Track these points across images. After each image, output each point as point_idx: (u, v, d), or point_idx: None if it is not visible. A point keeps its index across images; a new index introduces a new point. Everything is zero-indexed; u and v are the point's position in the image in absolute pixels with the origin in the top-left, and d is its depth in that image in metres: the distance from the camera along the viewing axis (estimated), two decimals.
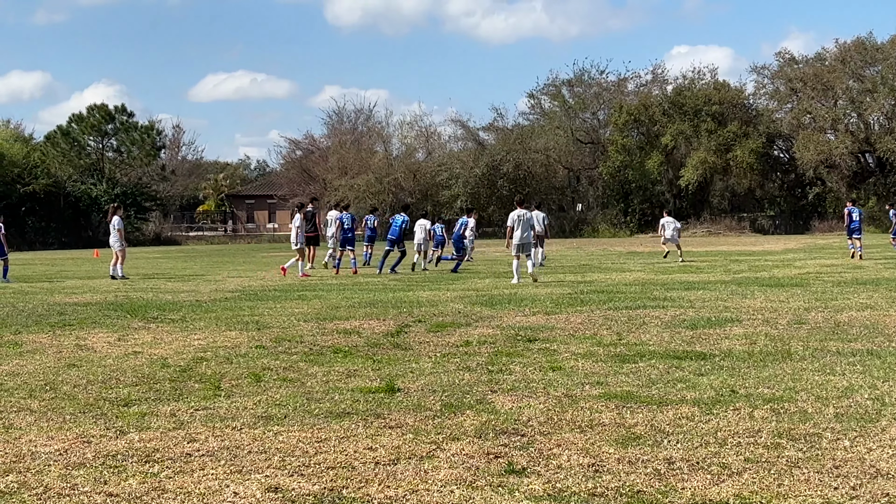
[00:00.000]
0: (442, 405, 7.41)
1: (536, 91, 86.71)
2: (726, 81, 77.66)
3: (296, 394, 7.99)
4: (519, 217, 20.60)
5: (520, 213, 20.70)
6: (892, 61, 68.66)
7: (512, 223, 20.55)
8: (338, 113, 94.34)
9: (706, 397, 7.46)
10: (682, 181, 71.85)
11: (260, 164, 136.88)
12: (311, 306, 15.65)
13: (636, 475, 5.46)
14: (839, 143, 67.83)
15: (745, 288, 17.41)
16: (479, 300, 16.11)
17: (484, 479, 5.45)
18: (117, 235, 24.62)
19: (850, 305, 13.87)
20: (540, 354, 9.91)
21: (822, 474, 5.38)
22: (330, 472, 5.65)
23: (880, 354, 9.33)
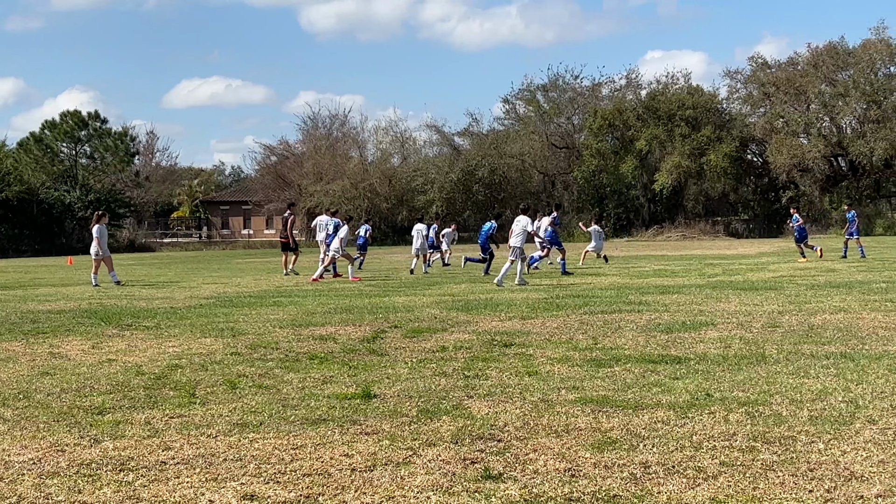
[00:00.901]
0: (418, 411, 7.40)
1: (511, 96, 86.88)
2: (700, 86, 78.15)
3: (271, 401, 7.97)
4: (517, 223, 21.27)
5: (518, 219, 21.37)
6: (863, 65, 69.21)
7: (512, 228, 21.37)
8: (313, 118, 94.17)
9: (681, 401, 7.49)
10: (657, 185, 72.12)
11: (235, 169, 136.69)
12: (286, 312, 15.61)
13: (612, 479, 5.47)
14: (812, 147, 68.29)
15: (719, 291, 17.48)
16: (455, 305, 16.11)
17: (460, 484, 5.45)
18: (94, 244, 24.51)
19: (824, 308, 13.95)
20: (516, 359, 9.92)
21: (797, 477, 5.41)
22: (306, 480, 5.63)
23: (854, 357, 9.39)
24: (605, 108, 77.54)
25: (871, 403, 7.20)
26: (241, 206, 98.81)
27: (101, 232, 24.69)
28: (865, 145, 66.31)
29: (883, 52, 69.88)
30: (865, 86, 68.34)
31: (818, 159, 68.43)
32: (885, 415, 6.81)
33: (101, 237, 24.59)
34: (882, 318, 12.48)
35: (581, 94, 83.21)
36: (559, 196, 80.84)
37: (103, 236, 24.71)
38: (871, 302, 14.64)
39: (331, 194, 78.72)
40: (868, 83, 68.61)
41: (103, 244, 24.59)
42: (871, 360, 9.16)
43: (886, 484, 5.22)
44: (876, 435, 6.26)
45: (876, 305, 14.11)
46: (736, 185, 75.94)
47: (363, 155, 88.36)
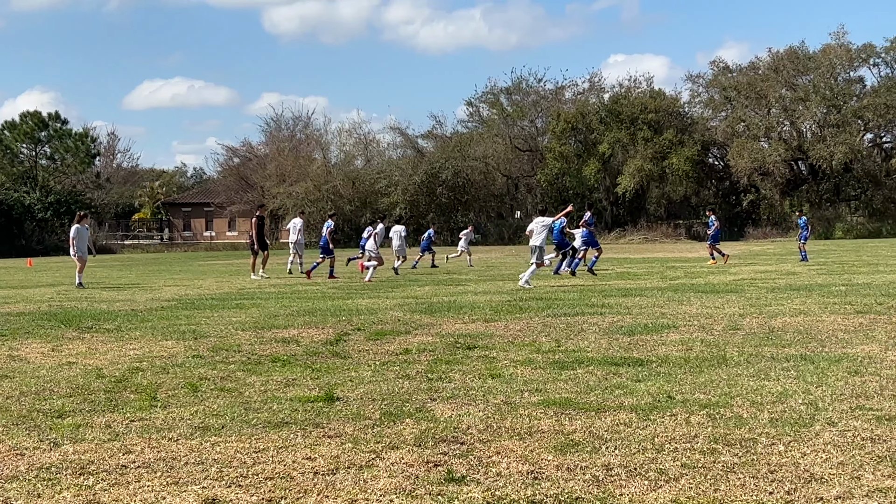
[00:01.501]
0: (381, 414, 7.38)
1: (475, 99, 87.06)
2: (662, 90, 78.66)
3: (233, 404, 7.92)
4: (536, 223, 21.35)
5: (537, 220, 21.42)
6: (823, 70, 69.93)
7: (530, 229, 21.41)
8: (276, 120, 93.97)
9: (643, 403, 7.52)
10: (620, 188, 72.48)
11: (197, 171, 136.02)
12: (248, 315, 15.54)
13: (575, 482, 5.48)
14: (772, 151, 68.90)
15: (681, 294, 17.59)
16: (419, 308, 16.10)
17: (424, 487, 5.44)
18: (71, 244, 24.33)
19: (784, 311, 14.06)
20: (479, 362, 9.92)
21: (758, 479, 5.45)
22: (268, 483, 5.61)
23: (814, 360, 9.47)
24: (568, 112, 77.84)
25: (830, 405, 7.26)
26: (203, 208, 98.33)
27: (78, 232, 24.43)
28: (825, 149, 66.98)
29: (843, 56, 70.69)
30: (825, 90, 69.06)
31: (779, 163, 69.05)
32: (845, 417, 6.87)
33: (77, 238, 24.34)
34: (841, 321, 12.60)
35: (544, 98, 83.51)
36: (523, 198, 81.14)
37: (80, 237, 24.44)
38: (830, 305, 14.78)
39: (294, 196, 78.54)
40: (828, 88, 69.34)
41: (79, 244, 24.34)
42: (831, 363, 9.24)
43: (845, 485, 5.27)
44: (835, 437, 6.32)
45: (835, 308, 14.25)
46: (697, 189, 76.49)
47: (326, 157, 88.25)
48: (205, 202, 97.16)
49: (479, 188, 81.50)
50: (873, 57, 72.08)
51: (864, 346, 10.29)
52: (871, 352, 9.90)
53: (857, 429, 6.51)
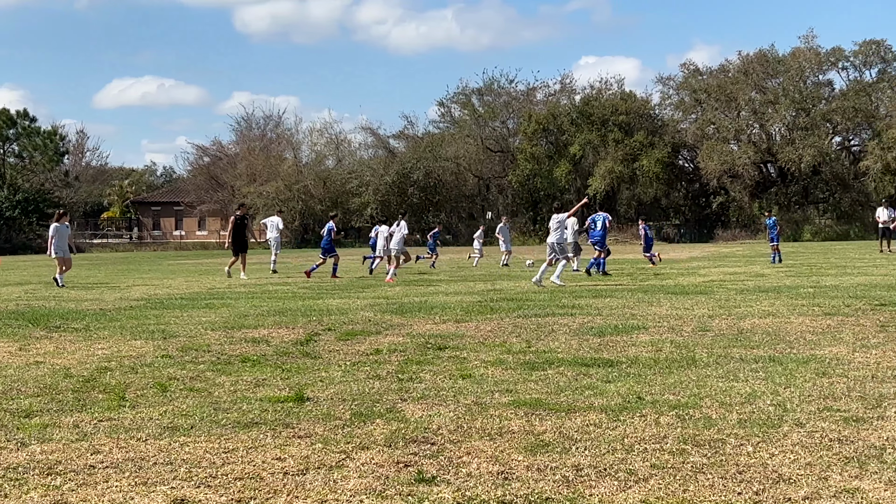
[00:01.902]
0: (352, 414, 7.37)
1: (446, 99, 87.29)
2: (633, 92, 79.07)
3: (202, 404, 7.88)
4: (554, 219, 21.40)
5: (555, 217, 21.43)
6: (793, 73, 70.49)
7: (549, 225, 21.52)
8: (247, 119, 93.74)
9: (613, 404, 7.54)
10: (590, 190, 72.71)
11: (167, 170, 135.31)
12: (218, 315, 15.47)
13: (545, 482, 5.49)
14: (742, 154, 69.37)
15: (651, 295, 17.66)
16: (390, 308, 16.08)
17: (394, 488, 5.44)
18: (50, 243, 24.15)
19: (753, 313, 14.14)
20: (450, 362, 9.93)
21: (726, 480, 5.47)
22: (237, 483, 5.58)
23: (782, 361, 9.53)
24: (539, 113, 78.06)
25: (798, 407, 7.31)
26: (172, 207, 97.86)
27: (57, 231, 24.23)
28: (794, 152, 67.49)
29: (812, 60, 71.26)
30: (795, 93, 69.62)
31: (748, 165, 69.51)
32: (813, 418, 6.92)
33: (57, 236, 24.13)
34: (809, 323, 12.69)
35: (516, 99, 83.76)
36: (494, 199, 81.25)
37: (59, 236, 24.23)
38: (798, 306, 14.88)
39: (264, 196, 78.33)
40: (797, 91, 69.90)
41: (58, 243, 24.13)
42: (799, 364, 9.30)
43: (813, 486, 5.31)
44: (803, 438, 6.36)
45: (804, 310, 14.35)
46: (668, 191, 76.89)
47: (297, 156, 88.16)
48: (174, 201, 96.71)
49: (450, 189, 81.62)
50: (842, 60, 72.75)
51: (831, 348, 10.36)
52: (838, 353, 9.98)
53: (824, 430, 6.56)
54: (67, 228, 24.97)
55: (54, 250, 24.08)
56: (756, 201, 72.47)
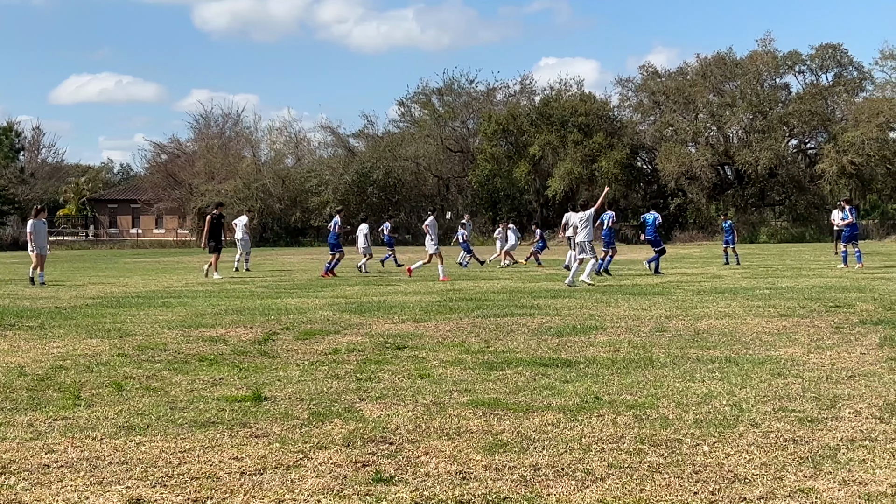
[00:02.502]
0: (309, 414, 7.35)
1: (407, 99, 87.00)
2: (592, 93, 79.18)
3: (159, 403, 7.83)
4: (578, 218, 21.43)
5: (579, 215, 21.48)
6: (750, 76, 71.04)
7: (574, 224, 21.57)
8: (205, 117, 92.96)
9: (571, 404, 7.57)
10: (550, 191, 72.86)
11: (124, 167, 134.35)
12: (175, 313, 15.37)
13: (503, 482, 5.50)
14: (700, 156, 69.79)
15: (609, 296, 17.74)
16: (349, 307, 16.05)
17: (351, 487, 5.42)
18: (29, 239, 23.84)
19: (710, 314, 14.25)
20: (409, 362, 9.92)
21: (683, 479, 5.51)
22: (194, 483, 5.55)
23: (738, 362, 9.61)
24: (499, 113, 78.10)
25: (754, 407, 7.37)
26: (129, 205, 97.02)
27: (35, 227, 23.91)
28: (751, 154, 68.01)
29: (769, 63, 71.85)
30: (752, 96, 70.16)
31: (705, 167, 69.95)
32: (768, 418, 6.98)
33: (35, 233, 23.83)
34: (765, 324, 12.80)
35: (476, 99, 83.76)
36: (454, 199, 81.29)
37: (38, 232, 23.92)
38: (754, 308, 15.01)
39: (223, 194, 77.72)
40: (754, 94, 70.44)
41: (37, 240, 23.83)
42: (755, 365, 9.38)
43: (768, 486, 5.35)
44: (759, 438, 6.42)
45: (759, 311, 14.47)
46: (626, 192, 77.16)
47: (256, 155, 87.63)
48: (131, 199, 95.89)
49: (409, 188, 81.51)
50: (799, 64, 73.37)
51: (787, 349, 10.46)
52: (793, 354, 10.08)
53: (779, 430, 6.62)
54: (45, 225, 24.68)
55: (34, 247, 23.77)
56: (713, 203, 72.97)
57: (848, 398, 7.67)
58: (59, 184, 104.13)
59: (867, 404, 7.42)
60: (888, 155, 66.29)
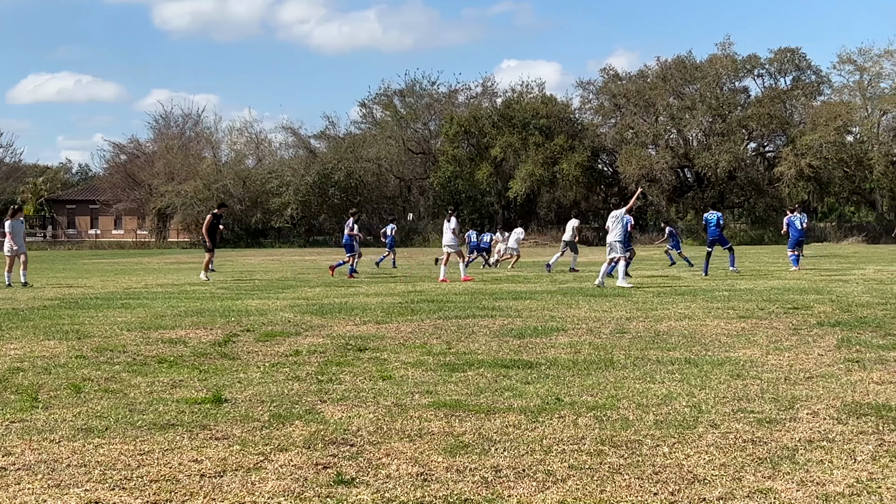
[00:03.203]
0: (270, 415, 7.31)
1: (368, 100, 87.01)
2: (554, 96, 79.56)
3: (118, 405, 7.76)
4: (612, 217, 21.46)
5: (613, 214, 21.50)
6: (709, 80, 71.62)
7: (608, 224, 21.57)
8: (165, 117, 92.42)
9: (532, 405, 7.59)
10: (511, 193, 73.07)
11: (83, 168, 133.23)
12: (134, 315, 15.25)
13: (464, 483, 5.50)
14: (660, 159, 70.26)
15: (570, 298, 17.80)
16: (310, 309, 15.99)
17: (312, 489, 5.40)
18: (7, 239, 23.54)
19: (670, 315, 14.33)
20: (370, 363, 9.90)
21: (643, 480, 5.54)
22: (153, 486, 5.50)
23: (697, 363, 9.67)
24: (461, 115, 78.22)
25: (713, 408, 7.42)
26: (88, 206, 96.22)
27: (12, 227, 23.62)
28: (710, 157, 68.55)
29: (728, 66, 72.48)
30: (711, 99, 70.73)
31: (665, 170, 70.42)
32: (727, 419, 7.03)
33: (13, 233, 23.53)
34: (724, 325, 12.89)
35: (438, 101, 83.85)
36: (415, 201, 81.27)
37: (15, 232, 23.63)
38: (714, 309, 15.11)
39: (182, 195, 77.43)
40: (714, 97, 71.01)
41: (16, 240, 23.55)
42: (714, 366, 9.45)
43: (727, 486, 5.39)
44: (718, 439, 6.46)
45: (719, 313, 14.58)
46: (587, 194, 77.54)
47: (217, 155, 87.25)
48: (90, 199, 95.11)
49: (371, 190, 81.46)
50: (757, 68, 74.09)
51: (745, 350, 10.54)
52: (752, 356, 10.16)
53: (738, 431, 6.67)
54: (22, 224, 24.39)
55: (14, 245, 23.48)
56: (673, 205, 73.52)
57: (806, 399, 7.74)
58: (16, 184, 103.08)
59: (825, 405, 7.49)
60: (845, 158, 67.08)
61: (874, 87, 69.77)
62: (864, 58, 69.58)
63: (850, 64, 70.22)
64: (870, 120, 68.65)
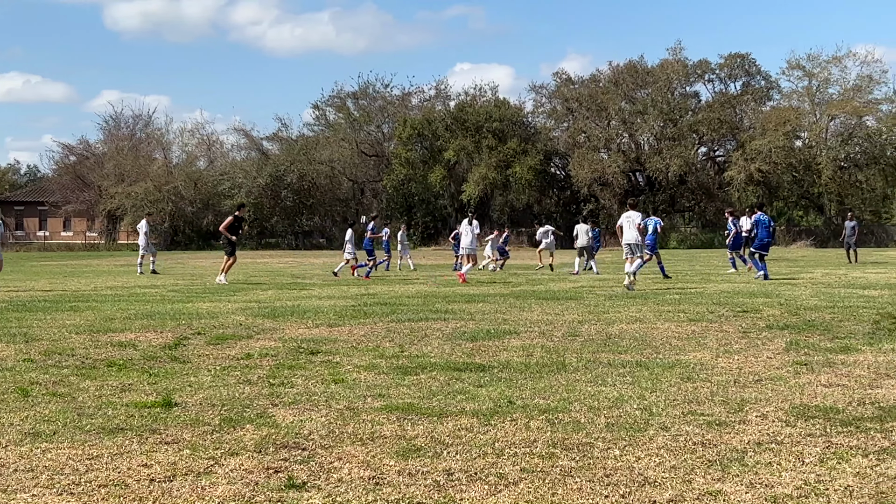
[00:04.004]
0: (221, 419, 7.26)
1: (322, 102, 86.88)
2: (507, 99, 79.86)
3: (66, 409, 7.67)
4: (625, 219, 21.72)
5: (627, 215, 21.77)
6: (661, 84, 72.19)
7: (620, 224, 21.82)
8: (115, 118, 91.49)
9: (485, 408, 7.59)
10: (464, 196, 73.17)
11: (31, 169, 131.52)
12: (83, 318, 15.08)
13: (416, 487, 5.49)
14: (612, 162, 70.71)
15: (522, 301, 17.85)
16: (262, 312, 15.91)
17: (263, 494, 5.37)
18: None
19: (621, 318, 14.41)
20: (322, 367, 9.86)
21: (594, 483, 5.56)
22: (102, 491, 5.44)
23: (648, 366, 9.73)
24: (414, 118, 78.26)
25: (664, 411, 7.47)
26: (36, 207, 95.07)
27: None
28: (661, 161, 69.11)
29: (679, 71, 73.10)
30: (663, 104, 71.30)
31: (617, 174, 70.91)
32: (678, 422, 7.08)
33: None
34: (675, 328, 12.99)
35: (391, 103, 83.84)
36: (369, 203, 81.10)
37: None
38: (664, 312, 15.22)
39: (133, 196, 76.77)
40: (665, 102, 71.59)
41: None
42: (665, 369, 9.51)
43: (677, 489, 5.43)
44: (668, 441, 6.50)
45: (669, 316, 14.69)
46: (540, 197, 77.81)
47: (168, 157, 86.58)
48: (39, 201, 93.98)
49: (324, 192, 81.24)
50: (708, 73, 74.78)
51: (696, 353, 10.62)
52: (702, 359, 10.24)
53: (688, 433, 6.71)
54: (3, 227, 24.04)
55: None
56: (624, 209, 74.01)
57: (755, 402, 7.81)
58: None
59: (773, 408, 7.57)
60: (794, 163, 67.87)
61: (822, 93, 70.68)
62: (812, 64, 70.50)
63: (799, 70, 71.11)
64: (818, 125, 69.56)
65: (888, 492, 5.36)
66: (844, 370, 9.40)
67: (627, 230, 21.52)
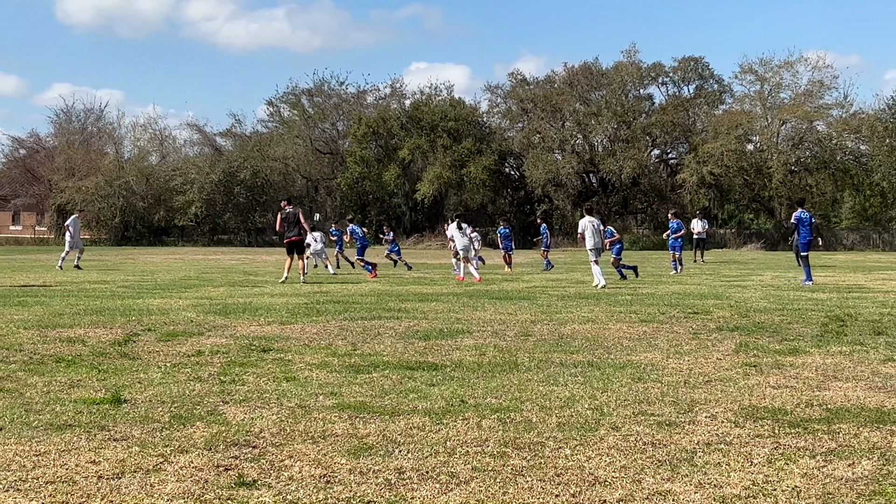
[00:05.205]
0: (171, 417, 7.21)
1: (276, 99, 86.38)
2: (462, 99, 79.84)
3: (13, 405, 7.57)
4: (590, 223, 21.97)
5: (590, 220, 22.05)
6: (615, 86, 72.54)
7: (582, 230, 21.98)
8: (66, 112, 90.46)
9: (437, 407, 7.60)
10: (419, 195, 73.13)
11: None
12: (32, 313, 14.90)
13: (367, 485, 5.48)
14: (566, 164, 70.92)
15: (476, 300, 17.87)
16: (213, 309, 15.81)
17: (213, 492, 5.34)
18: None
19: (573, 319, 14.48)
20: (274, 365, 9.82)
21: (545, 482, 5.58)
22: (49, 487, 5.38)
23: (600, 366, 9.78)
24: (369, 116, 78.12)
25: (615, 411, 7.52)
26: None
27: None
28: (615, 163, 69.43)
29: (633, 74, 73.47)
30: (617, 106, 71.63)
31: (571, 175, 71.17)
32: (628, 422, 7.12)
33: None
34: (626, 329, 13.07)
35: (346, 101, 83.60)
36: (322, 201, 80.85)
37: None
38: (616, 313, 15.31)
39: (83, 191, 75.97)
40: (619, 104, 71.92)
41: None
42: (616, 369, 9.57)
43: (627, 488, 5.46)
44: (619, 441, 6.54)
45: (621, 317, 14.77)
46: (494, 198, 77.92)
47: (119, 152, 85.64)
48: None
49: (278, 189, 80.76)
50: (662, 76, 75.22)
51: (647, 354, 10.70)
52: (653, 359, 10.31)
53: (639, 433, 6.76)
54: None
55: None
56: (578, 210, 74.25)
57: (704, 402, 7.88)
58: None
59: (723, 409, 7.64)
60: (745, 166, 68.42)
61: (774, 97, 71.31)
62: (764, 68, 71.11)
63: (752, 74, 71.66)
64: (769, 129, 70.19)
65: (835, 493, 5.43)
66: (793, 372, 9.51)
67: (590, 237, 21.73)
